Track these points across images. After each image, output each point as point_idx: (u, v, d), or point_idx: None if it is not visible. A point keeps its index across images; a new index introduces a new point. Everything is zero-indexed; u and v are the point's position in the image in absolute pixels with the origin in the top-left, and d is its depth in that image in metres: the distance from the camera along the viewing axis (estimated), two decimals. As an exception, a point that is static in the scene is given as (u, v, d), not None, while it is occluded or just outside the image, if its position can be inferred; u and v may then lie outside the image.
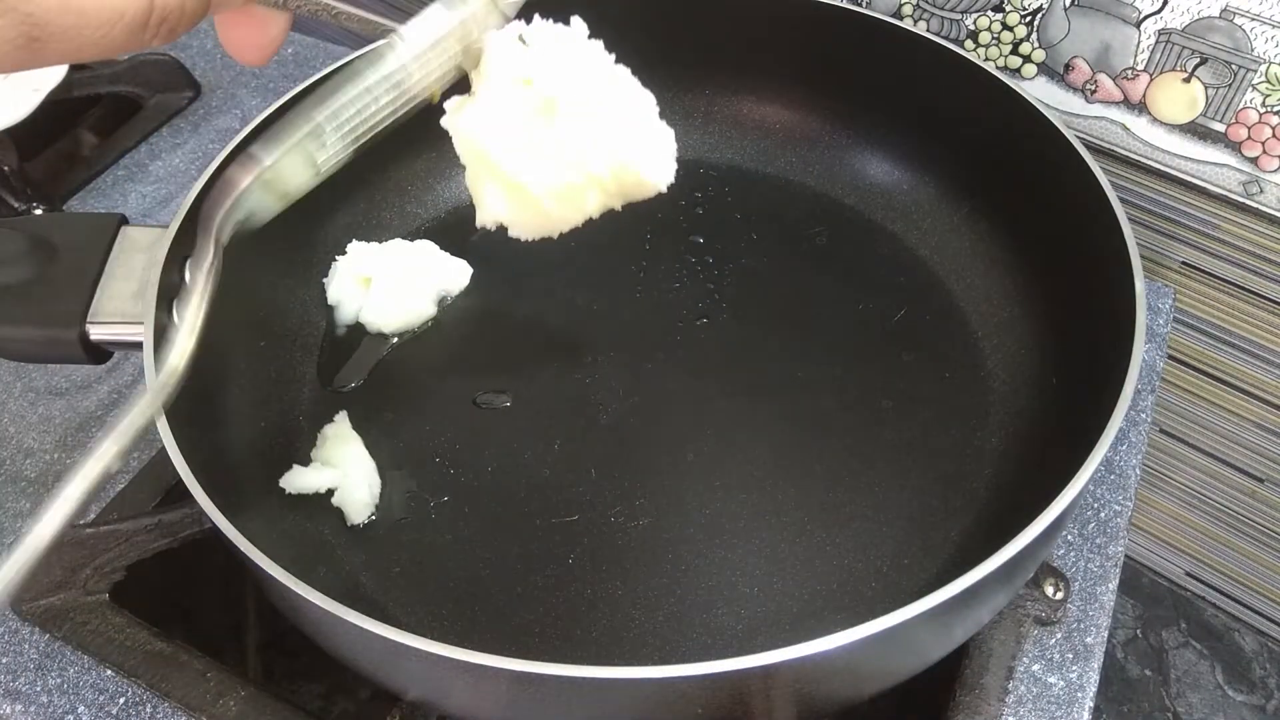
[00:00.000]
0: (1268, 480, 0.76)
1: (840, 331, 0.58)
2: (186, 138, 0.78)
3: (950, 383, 0.55)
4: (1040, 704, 0.47)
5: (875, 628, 0.34)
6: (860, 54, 0.61)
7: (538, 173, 0.41)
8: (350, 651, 0.39)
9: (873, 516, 0.50)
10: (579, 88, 0.41)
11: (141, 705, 0.48)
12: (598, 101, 0.41)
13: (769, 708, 0.37)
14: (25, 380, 0.62)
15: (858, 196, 0.64)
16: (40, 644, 0.50)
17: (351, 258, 0.59)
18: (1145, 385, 0.61)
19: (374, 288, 0.58)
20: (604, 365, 0.57)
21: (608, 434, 0.53)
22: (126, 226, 0.49)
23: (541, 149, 0.41)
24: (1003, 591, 0.44)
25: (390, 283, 0.58)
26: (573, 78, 0.41)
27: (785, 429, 0.53)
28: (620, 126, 0.41)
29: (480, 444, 0.53)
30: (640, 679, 0.34)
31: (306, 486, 0.50)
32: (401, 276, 0.58)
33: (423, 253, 0.60)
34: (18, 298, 0.46)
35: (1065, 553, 0.53)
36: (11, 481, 0.57)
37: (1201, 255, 0.67)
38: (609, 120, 0.41)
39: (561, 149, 0.41)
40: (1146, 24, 0.59)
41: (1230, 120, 0.60)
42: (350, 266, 0.58)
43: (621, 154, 0.42)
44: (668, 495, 0.51)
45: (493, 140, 0.41)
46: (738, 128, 0.68)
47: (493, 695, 0.38)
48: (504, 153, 0.41)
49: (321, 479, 0.50)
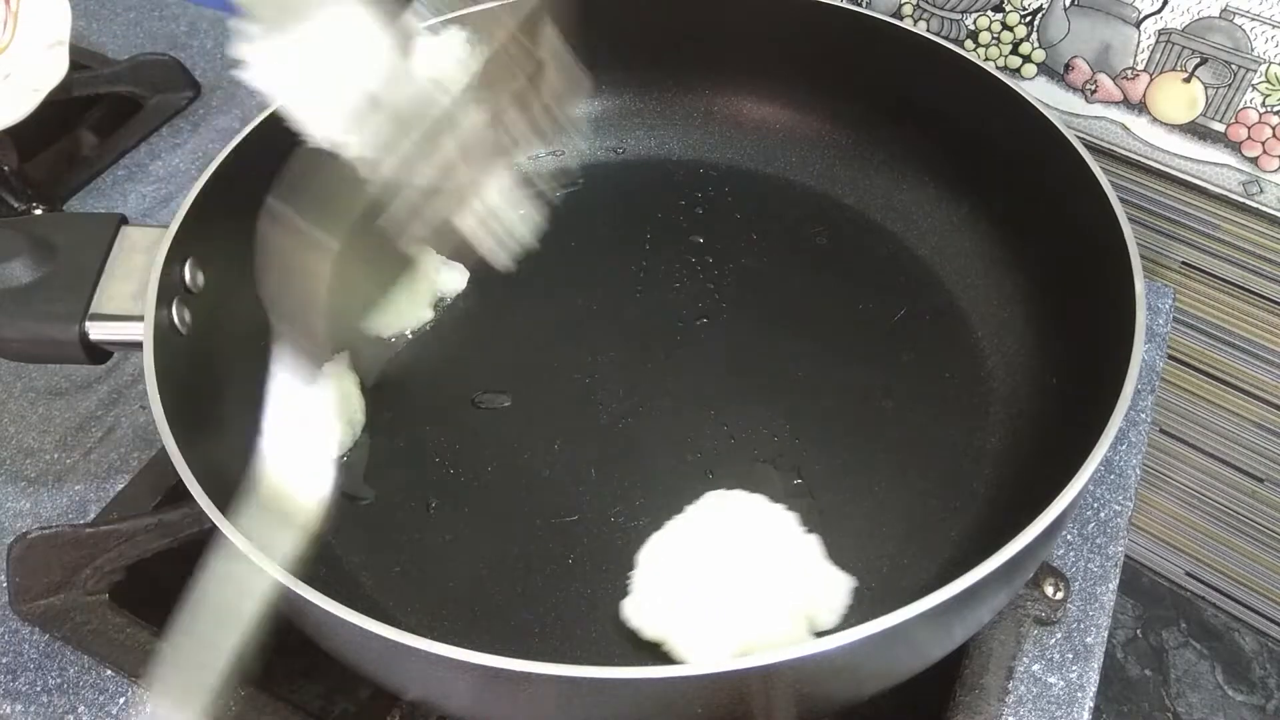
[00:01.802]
0: (1268, 480, 0.76)
1: (840, 331, 0.58)
2: (186, 138, 0.78)
3: (950, 383, 0.55)
4: (1040, 704, 0.47)
5: (875, 628, 0.34)
6: (860, 54, 0.61)
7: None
8: (350, 651, 0.39)
9: (872, 516, 0.50)
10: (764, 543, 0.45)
11: (141, 705, 0.48)
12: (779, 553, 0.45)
13: (769, 708, 0.37)
14: (25, 380, 0.62)
15: (857, 196, 0.64)
16: (40, 644, 0.50)
17: None
18: (1145, 385, 0.61)
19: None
20: (604, 365, 0.57)
21: (608, 434, 0.53)
22: (126, 226, 0.49)
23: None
24: (1003, 591, 0.44)
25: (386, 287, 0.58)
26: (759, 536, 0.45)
27: (784, 429, 0.53)
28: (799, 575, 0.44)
29: (480, 444, 0.53)
30: (640, 679, 0.34)
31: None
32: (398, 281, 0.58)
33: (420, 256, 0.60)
34: (17, 298, 0.46)
35: (1065, 553, 0.53)
36: (11, 481, 0.57)
37: (1201, 255, 0.67)
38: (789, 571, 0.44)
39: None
40: (1146, 24, 0.59)
41: (1230, 120, 0.60)
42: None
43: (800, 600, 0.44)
44: (668, 495, 0.51)
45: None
46: (738, 128, 0.68)
47: (493, 695, 0.38)
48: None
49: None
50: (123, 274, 0.47)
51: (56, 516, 0.55)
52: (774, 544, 0.45)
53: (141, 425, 0.59)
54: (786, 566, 0.44)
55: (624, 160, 0.68)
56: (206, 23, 0.88)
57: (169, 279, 0.47)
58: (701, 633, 0.42)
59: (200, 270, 0.50)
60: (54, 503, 0.56)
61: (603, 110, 0.68)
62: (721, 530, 0.46)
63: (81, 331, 0.46)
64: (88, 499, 0.56)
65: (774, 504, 0.47)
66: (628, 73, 0.67)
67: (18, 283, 0.46)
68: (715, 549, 0.45)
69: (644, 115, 0.69)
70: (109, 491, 0.56)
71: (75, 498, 0.56)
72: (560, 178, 0.67)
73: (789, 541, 0.46)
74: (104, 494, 0.56)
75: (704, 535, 0.46)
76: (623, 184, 0.67)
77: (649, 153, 0.68)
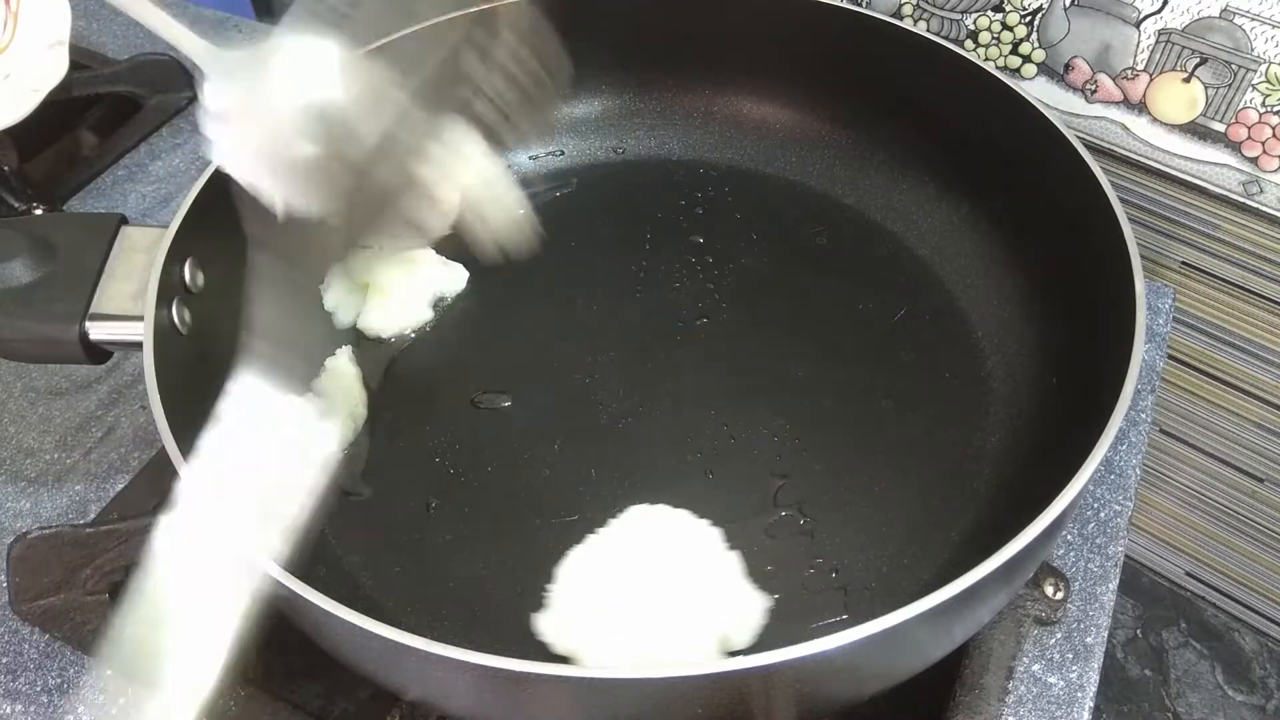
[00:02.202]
0: (1268, 480, 0.76)
1: (840, 331, 0.58)
2: (186, 138, 0.78)
3: (950, 383, 0.55)
4: (1040, 704, 0.47)
5: (875, 628, 0.34)
6: (860, 54, 0.61)
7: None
8: (350, 651, 0.39)
9: (872, 516, 0.50)
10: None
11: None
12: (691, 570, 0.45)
13: (769, 708, 0.37)
14: (25, 380, 0.62)
15: (857, 196, 0.64)
16: (40, 644, 0.50)
17: (347, 263, 0.58)
18: (1145, 385, 0.61)
19: (370, 293, 0.58)
20: (604, 365, 0.57)
21: (608, 434, 0.53)
22: (126, 226, 0.49)
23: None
24: (1003, 591, 0.44)
25: (387, 288, 0.58)
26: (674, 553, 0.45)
27: (785, 429, 0.53)
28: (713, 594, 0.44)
29: (480, 444, 0.53)
30: (640, 679, 0.34)
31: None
32: (398, 281, 0.58)
33: (419, 257, 0.60)
34: (17, 298, 0.46)
35: (1065, 553, 0.53)
36: (11, 481, 0.57)
37: (1201, 255, 0.67)
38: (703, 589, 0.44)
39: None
40: (1146, 24, 0.59)
41: (1230, 120, 0.60)
42: (346, 273, 0.58)
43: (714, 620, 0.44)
44: (667, 495, 0.51)
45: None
46: (738, 128, 0.68)
47: (493, 695, 0.38)
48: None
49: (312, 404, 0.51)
50: (123, 274, 0.47)
51: (56, 516, 0.55)
52: (693, 561, 0.45)
53: (141, 425, 0.59)
54: (703, 584, 0.44)
55: (624, 160, 0.68)
56: (206, 23, 0.88)
57: (169, 279, 0.47)
58: (611, 648, 0.42)
59: (200, 270, 0.50)
60: (54, 503, 0.56)
61: (603, 110, 0.68)
62: (641, 546, 0.46)
63: (81, 331, 0.46)
64: (88, 499, 0.56)
65: (698, 520, 0.47)
66: (628, 73, 0.67)
67: (18, 283, 0.46)
68: (633, 565, 0.45)
69: (644, 115, 0.69)
70: (109, 491, 0.56)
71: (75, 498, 0.56)
72: (560, 178, 0.67)
73: (708, 559, 0.46)
74: (104, 494, 0.56)
75: (623, 551, 0.46)
76: (623, 184, 0.67)
77: (649, 153, 0.68)
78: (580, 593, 0.45)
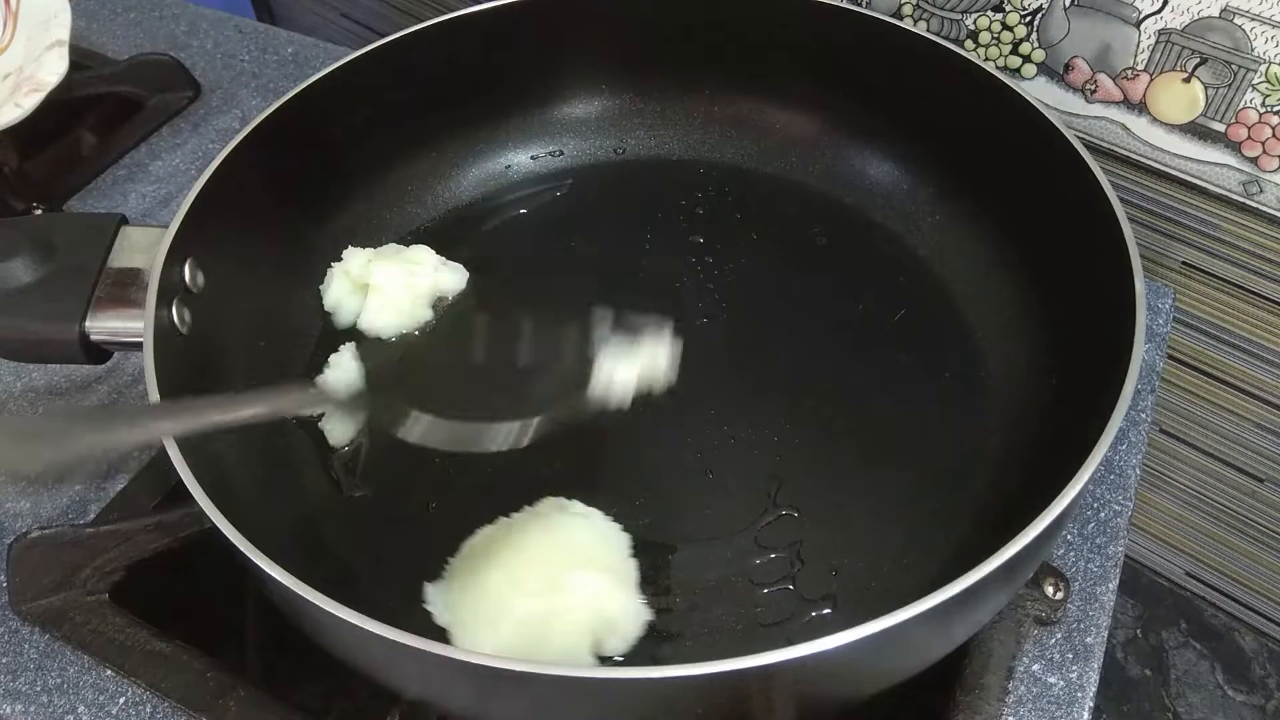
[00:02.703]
0: (1268, 480, 0.76)
1: (840, 331, 0.58)
2: (186, 138, 0.78)
3: (950, 383, 0.55)
4: (1040, 704, 0.47)
5: (875, 628, 0.34)
6: (860, 54, 0.61)
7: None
8: (350, 651, 0.39)
9: (872, 516, 0.50)
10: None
11: (141, 705, 0.48)
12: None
13: (769, 708, 0.37)
14: (25, 380, 0.62)
15: (858, 196, 0.64)
16: (40, 644, 0.50)
17: (347, 263, 0.58)
18: (1145, 385, 0.60)
19: (370, 293, 0.58)
20: (604, 365, 0.56)
21: (608, 434, 0.53)
22: (126, 226, 0.49)
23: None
24: (1003, 591, 0.44)
25: (386, 288, 0.58)
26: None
27: (785, 429, 0.53)
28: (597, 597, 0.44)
29: (480, 444, 0.53)
30: (640, 679, 0.34)
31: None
32: (397, 281, 0.58)
33: (419, 257, 0.60)
34: (17, 297, 0.46)
35: (1065, 553, 0.53)
36: (11, 481, 0.57)
37: (1201, 255, 0.67)
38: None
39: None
40: (1146, 24, 0.59)
41: (1230, 120, 0.60)
42: (346, 272, 0.58)
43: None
44: (668, 495, 0.51)
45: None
46: (738, 128, 0.68)
47: (493, 695, 0.38)
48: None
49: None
50: (123, 274, 0.47)
51: (56, 516, 0.55)
52: (589, 560, 0.45)
53: (141, 425, 0.59)
54: (592, 585, 0.44)
55: (624, 160, 0.68)
56: (206, 23, 0.88)
57: (169, 279, 0.47)
58: (484, 630, 0.42)
59: (200, 270, 0.50)
60: (54, 503, 0.56)
61: (603, 110, 0.68)
62: (544, 536, 0.46)
63: (81, 331, 0.46)
64: (88, 499, 0.56)
65: (610, 521, 0.47)
66: (628, 73, 0.67)
67: (18, 282, 0.46)
68: (529, 553, 0.45)
69: (644, 115, 0.69)
70: (109, 491, 0.56)
71: (75, 498, 0.56)
72: (560, 178, 0.67)
73: (606, 561, 0.46)
74: (104, 494, 0.56)
75: (525, 537, 0.46)
76: (623, 184, 0.67)
77: (649, 153, 0.68)
78: (471, 570, 0.45)
